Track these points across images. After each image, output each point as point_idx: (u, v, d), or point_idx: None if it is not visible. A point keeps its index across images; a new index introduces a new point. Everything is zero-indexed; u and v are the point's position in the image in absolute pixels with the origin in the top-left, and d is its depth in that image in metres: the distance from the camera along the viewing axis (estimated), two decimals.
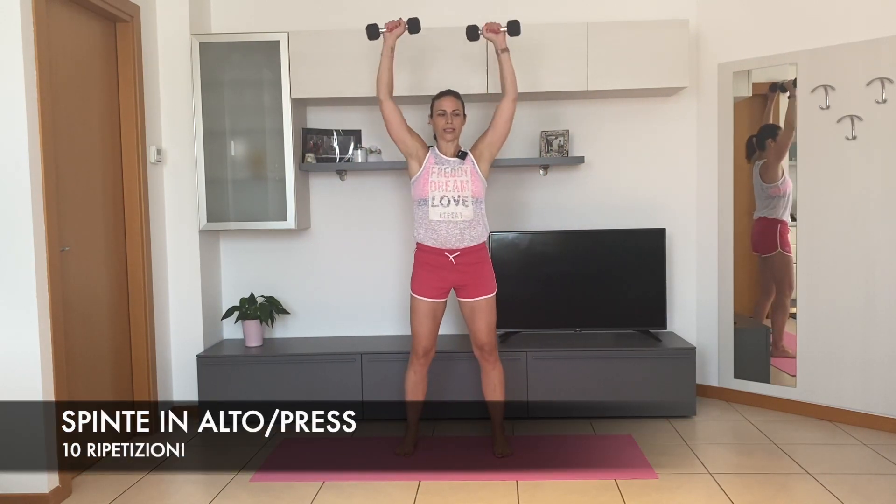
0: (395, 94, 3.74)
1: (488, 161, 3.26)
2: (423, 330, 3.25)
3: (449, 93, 3.26)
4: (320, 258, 4.22)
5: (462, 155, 3.22)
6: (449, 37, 3.72)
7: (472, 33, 3.26)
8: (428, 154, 3.24)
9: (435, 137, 3.29)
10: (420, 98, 3.76)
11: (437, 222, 3.17)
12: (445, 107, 3.21)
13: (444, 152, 3.24)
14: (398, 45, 3.29)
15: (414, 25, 3.25)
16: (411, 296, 3.26)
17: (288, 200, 3.85)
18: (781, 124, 3.83)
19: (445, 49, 3.74)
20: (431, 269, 3.22)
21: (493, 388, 3.30)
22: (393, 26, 3.18)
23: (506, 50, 3.18)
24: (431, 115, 3.26)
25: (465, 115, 3.29)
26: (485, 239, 3.26)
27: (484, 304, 3.23)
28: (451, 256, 3.19)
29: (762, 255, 3.97)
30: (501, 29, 3.18)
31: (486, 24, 3.19)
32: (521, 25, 3.23)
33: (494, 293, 3.26)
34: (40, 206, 2.84)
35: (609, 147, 4.11)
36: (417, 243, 3.27)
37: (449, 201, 3.17)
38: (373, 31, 3.23)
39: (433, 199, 3.18)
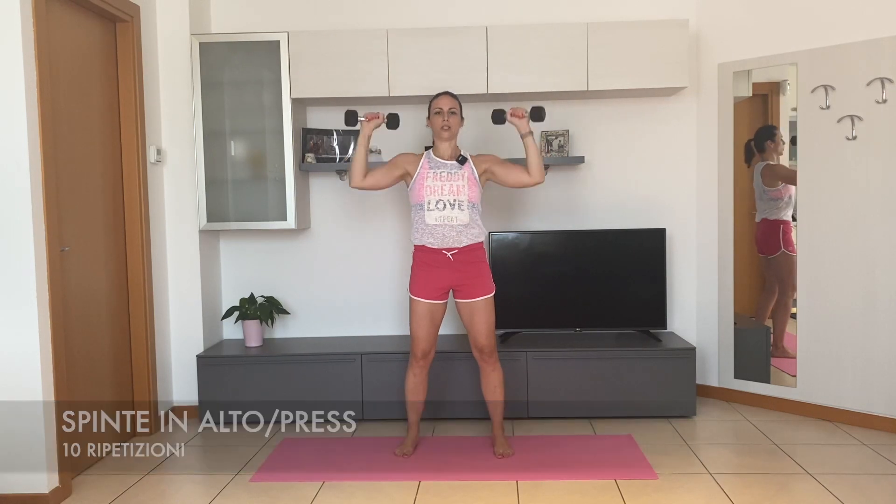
0: (396, 93, 3.77)
1: (485, 181, 3.27)
2: (422, 332, 3.24)
3: (445, 93, 3.27)
4: (320, 258, 4.21)
5: (462, 160, 3.21)
6: (450, 36, 3.73)
7: (498, 117, 3.26)
8: (422, 160, 3.24)
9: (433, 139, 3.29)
10: (420, 98, 3.76)
11: (433, 226, 3.17)
12: (442, 105, 3.21)
13: (441, 154, 3.24)
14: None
15: (392, 121, 3.26)
16: (410, 298, 3.25)
17: (288, 200, 3.85)
18: (779, 125, 3.83)
19: (446, 49, 3.74)
20: (430, 268, 3.21)
21: (493, 389, 3.30)
22: (372, 117, 3.18)
23: (529, 134, 3.17)
24: (429, 116, 3.27)
25: (462, 118, 3.29)
26: (482, 240, 3.26)
27: (482, 304, 3.23)
28: (448, 254, 3.19)
29: (767, 256, 3.97)
30: (524, 114, 3.17)
31: (511, 110, 3.19)
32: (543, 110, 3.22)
33: (492, 294, 3.26)
34: (40, 206, 2.84)
35: (609, 147, 4.11)
36: (415, 245, 3.27)
37: (445, 205, 3.16)
38: (351, 118, 3.24)
39: (429, 203, 3.17)
